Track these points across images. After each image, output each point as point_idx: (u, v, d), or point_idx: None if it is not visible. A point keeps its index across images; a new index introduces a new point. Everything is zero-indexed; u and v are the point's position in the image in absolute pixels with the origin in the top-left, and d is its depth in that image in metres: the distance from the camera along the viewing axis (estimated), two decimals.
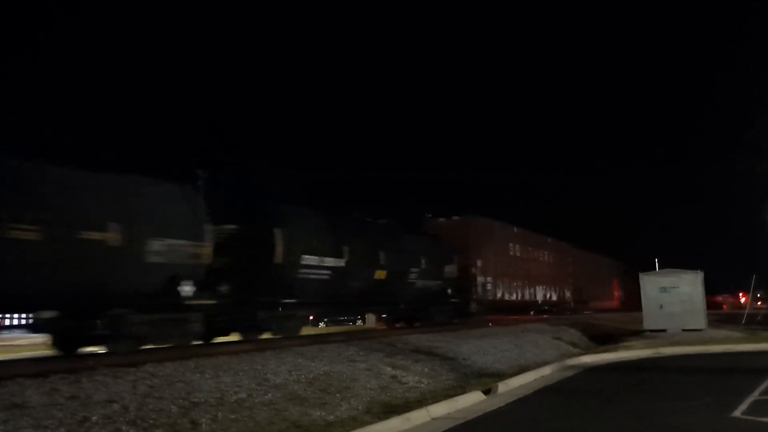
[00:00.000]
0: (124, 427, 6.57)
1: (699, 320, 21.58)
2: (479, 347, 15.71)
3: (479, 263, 24.90)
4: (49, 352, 11.17)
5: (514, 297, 28.66)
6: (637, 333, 22.42)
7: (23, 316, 23.43)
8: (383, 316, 23.02)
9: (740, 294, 54.60)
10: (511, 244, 29.05)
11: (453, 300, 22.86)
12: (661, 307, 21.87)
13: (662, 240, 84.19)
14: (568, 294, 37.88)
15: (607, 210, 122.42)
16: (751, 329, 22.36)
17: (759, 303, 44.92)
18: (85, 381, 7.71)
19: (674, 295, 21.83)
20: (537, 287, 32.07)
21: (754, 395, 8.94)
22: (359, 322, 33.12)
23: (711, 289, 29.93)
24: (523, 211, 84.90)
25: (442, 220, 25.39)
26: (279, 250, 14.02)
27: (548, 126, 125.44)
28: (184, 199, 12.14)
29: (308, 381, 9.59)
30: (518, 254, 29.83)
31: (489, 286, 25.96)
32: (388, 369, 11.35)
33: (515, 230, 29.95)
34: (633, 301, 51.62)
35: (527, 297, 30.54)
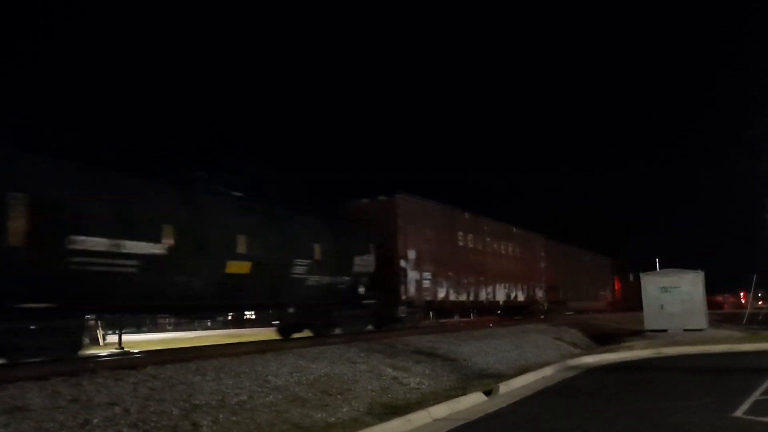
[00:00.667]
0: (125, 430, 6.58)
1: (700, 320, 21.61)
2: (480, 348, 15.73)
3: (411, 255, 19.48)
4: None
5: (463, 297, 22.99)
6: (637, 333, 22.44)
7: None
8: (275, 322, 17.65)
9: (741, 294, 54.70)
10: (460, 233, 23.36)
11: (368, 301, 17.68)
12: (662, 307, 21.90)
13: (663, 240, 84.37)
14: (540, 293, 31.82)
15: (607, 210, 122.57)
16: (752, 329, 22.40)
17: (760, 302, 45.01)
18: (86, 383, 7.72)
19: (675, 295, 21.87)
20: (497, 285, 26.21)
21: (756, 395, 8.94)
22: None
23: (711, 288, 29.98)
24: (523, 211, 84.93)
25: (364, 200, 19.97)
26: (17, 225, 9.20)
27: (548, 126, 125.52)
28: None
29: (309, 382, 9.60)
30: (471, 245, 24.17)
31: (426, 284, 20.25)
32: (389, 370, 11.35)
33: (467, 216, 24.36)
34: (626, 300, 50.28)
35: (483, 297, 24.80)
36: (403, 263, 19.04)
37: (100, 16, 65.37)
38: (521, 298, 29.07)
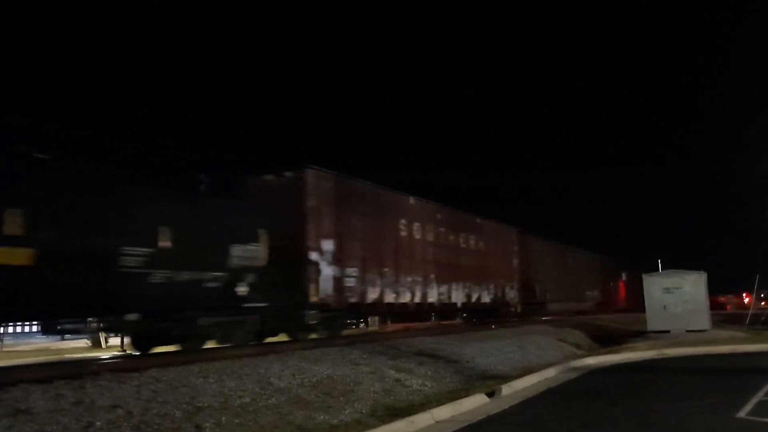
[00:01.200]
0: None
1: (702, 321, 21.59)
2: (482, 349, 15.72)
3: (327, 245, 15.60)
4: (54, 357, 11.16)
5: (406, 298, 18.95)
6: (640, 334, 22.44)
7: None
8: (128, 338, 13.36)
9: (744, 294, 54.63)
10: (404, 221, 19.27)
11: (255, 305, 13.67)
12: (664, 308, 21.88)
13: (665, 241, 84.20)
14: (512, 294, 27.70)
15: (608, 210, 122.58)
16: (755, 329, 22.37)
17: (762, 303, 45.00)
18: (89, 386, 7.74)
19: (678, 296, 21.86)
20: (454, 285, 22.03)
21: (759, 396, 8.93)
22: (362, 325, 33.06)
23: (714, 289, 29.91)
24: (524, 211, 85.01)
25: (268, 177, 15.99)
26: None
27: (548, 126, 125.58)
28: None
29: (312, 384, 9.60)
30: (419, 236, 20.07)
31: (350, 282, 16.39)
32: (392, 372, 11.36)
33: (412, 201, 20.05)
34: (618, 301, 49.11)
35: (434, 298, 20.64)
36: (314, 256, 15.20)
37: (100, 15, 65.52)
38: (486, 299, 24.99)
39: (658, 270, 25.71)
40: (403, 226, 19.41)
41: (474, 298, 23.79)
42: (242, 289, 13.46)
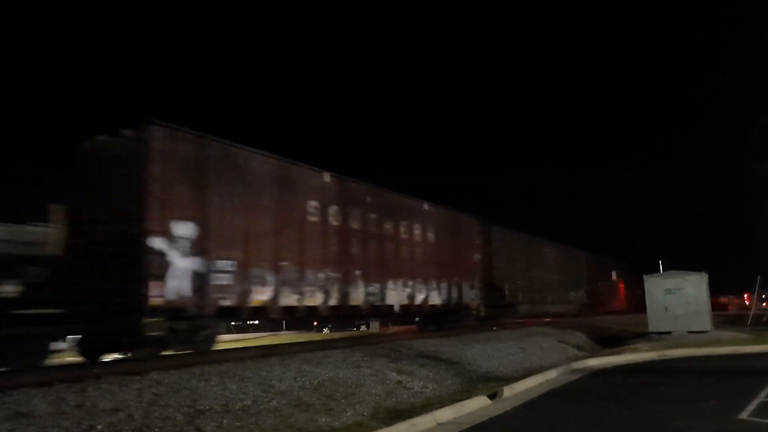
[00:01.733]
0: None
1: (704, 322, 21.56)
2: (484, 351, 15.70)
3: (183, 229, 12.03)
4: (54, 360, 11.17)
5: (317, 300, 15.50)
6: (642, 335, 22.42)
7: None
8: None
9: (745, 295, 54.57)
10: (314, 204, 15.74)
11: (37, 312, 9.88)
12: (666, 309, 21.87)
13: (666, 242, 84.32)
14: (472, 295, 23.86)
15: (609, 211, 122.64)
16: (757, 330, 22.36)
17: (764, 304, 44.97)
18: (90, 389, 7.75)
19: (679, 297, 21.83)
20: (390, 282, 18.52)
21: (761, 397, 8.93)
22: (363, 328, 33.16)
23: (716, 290, 29.89)
24: (524, 212, 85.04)
25: (102, 138, 12.56)
26: None
27: (549, 127, 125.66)
28: None
29: (313, 387, 9.60)
30: (336, 223, 16.54)
31: (223, 279, 12.75)
32: (393, 374, 11.35)
33: (327, 179, 16.48)
34: (610, 301, 44.57)
35: (360, 299, 17.16)
36: (159, 243, 11.54)
37: (103, 16, 65.65)
38: (437, 300, 21.29)
39: (660, 271, 25.70)
40: (313, 209, 15.76)
41: (419, 300, 20.15)
42: (10, 289, 9.61)
